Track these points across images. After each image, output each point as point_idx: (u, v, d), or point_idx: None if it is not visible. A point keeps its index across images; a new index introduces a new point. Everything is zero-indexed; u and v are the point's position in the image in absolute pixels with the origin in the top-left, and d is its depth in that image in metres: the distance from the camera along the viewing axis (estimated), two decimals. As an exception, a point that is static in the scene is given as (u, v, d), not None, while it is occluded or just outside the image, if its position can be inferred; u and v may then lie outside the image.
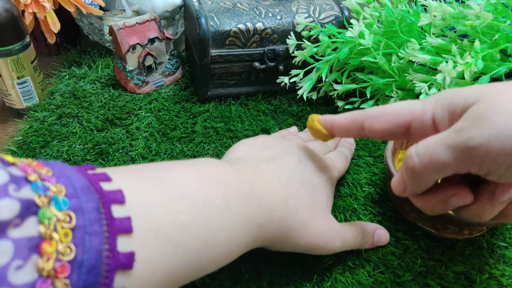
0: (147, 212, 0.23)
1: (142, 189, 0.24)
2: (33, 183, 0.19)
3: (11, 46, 0.47)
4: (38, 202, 0.19)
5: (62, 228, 0.19)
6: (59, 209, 0.19)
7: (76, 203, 0.20)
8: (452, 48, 0.42)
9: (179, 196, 0.25)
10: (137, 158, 0.45)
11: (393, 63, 0.47)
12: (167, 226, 0.23)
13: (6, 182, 0.18)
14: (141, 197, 0.23)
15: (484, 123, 0.21)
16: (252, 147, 0.35)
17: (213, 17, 0.50)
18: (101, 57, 0.62)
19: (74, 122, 0.50)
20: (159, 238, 0.23)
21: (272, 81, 0.55)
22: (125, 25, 0.52)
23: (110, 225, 0.20)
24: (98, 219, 0.20)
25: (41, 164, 0.21)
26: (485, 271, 0.36)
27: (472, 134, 0.21)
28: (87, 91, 0.55)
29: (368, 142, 0.49)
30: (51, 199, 0.19)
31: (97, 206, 0.21)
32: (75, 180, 0.21)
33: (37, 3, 0.53)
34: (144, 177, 0.25)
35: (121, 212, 0.22)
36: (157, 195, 0.24)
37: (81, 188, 0.21)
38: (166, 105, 0.53)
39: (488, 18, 0.40)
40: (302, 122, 0.52)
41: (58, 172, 0.21)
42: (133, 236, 0.21)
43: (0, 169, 0.18)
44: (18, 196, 0.18)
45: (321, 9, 0.54)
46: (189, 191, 0.26)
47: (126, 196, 0.22)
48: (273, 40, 0.52)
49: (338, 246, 0.33)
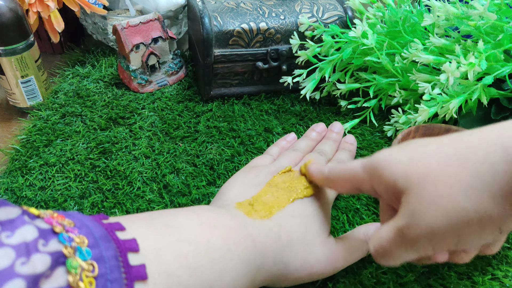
0: (158, 257, 0.24)
1: (152, 235, 0.25)
2: (60, 235, 0.21)
3: (16, 45, 0.47)
4: (66, 253, 0.20)
5: (86, 277, 0.20)
6: (83, 259, 0.21)
7: (97, 252, 0.22)
8: (456, 48, 0.42)
9: (185, 241, 0.26)
10: (140, 157, 0.46)
11: (396, 63, 0.47)
12: (177, 269, 0.25)
13: (36, 237, 0.20)
14: (151, 243, 0.25)
15: (419, 222, 0.25)
16: (242, 185, 0.36)
17: (216, 16, 0.50)
18: (104, 56, 0.62)
19: (78, 121, 0.50)
20: (171, 281, 0.24)
21: (275, 81, 0.55)
22: (128, 24, 0.52)
23: (128, 273, 0.22)
24: (117, 266, 0.22)
25: (62, 215, 0.23)
26: (487, 271, 0.36)
27: (413, 231, 0.25)
28: (90, 90, 0.55)
29: (371, 142, 0.49)
30: (76, 249, 0.21)
31: (115, 254, 0.22)
32: (94, 230, 0.23)
33: (41, 3, 0.53)
34: (152, 224, 0.27)
35: (136, 260, 0.23)
36: (166, 240, 0.26)
37: (101, 238, 0.23)
38: (169, 105, 0.53)
39: (492, 18, 0.40)
40: (305, 121, 0.52)
41: (78, 223, 0.23)
42: (148, 282, 0.23)
43: (29, 224, 0.20)
44: (47, 250, 0.20)
45: (325, 9, 0.54)
46: (193, 235, 0.27)
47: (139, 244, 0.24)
48: (276, 40, 0.52)
49: (341, 266, 0.34)
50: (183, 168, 0.45)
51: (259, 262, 0.29)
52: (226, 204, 0.34)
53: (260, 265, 0.30)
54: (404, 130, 0.42)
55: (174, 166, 0.45)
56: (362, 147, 0.48)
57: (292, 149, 0.43)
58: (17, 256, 0.18)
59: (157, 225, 0.27)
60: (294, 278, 0.32)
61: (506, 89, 0.45)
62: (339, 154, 0.44)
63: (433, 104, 0.43)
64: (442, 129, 0.43)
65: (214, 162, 0.46)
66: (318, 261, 0.32)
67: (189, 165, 0.45)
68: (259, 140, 0.49)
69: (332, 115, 0.53)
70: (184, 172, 0.44)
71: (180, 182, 0.43)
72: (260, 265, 0.30)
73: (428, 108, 0.43)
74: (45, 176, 0.43)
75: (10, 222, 0.20)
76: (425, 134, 0.43)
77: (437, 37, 0.44)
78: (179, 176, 0.44)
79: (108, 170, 0.44)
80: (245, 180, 0.37)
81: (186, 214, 0.29)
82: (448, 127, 0.43)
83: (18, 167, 0.44)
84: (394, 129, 0.49)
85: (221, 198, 0.35)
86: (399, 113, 0.48)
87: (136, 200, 0.41)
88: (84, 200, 0.41)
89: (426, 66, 0.48)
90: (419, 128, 0.42)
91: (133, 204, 0.41)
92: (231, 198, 0.34)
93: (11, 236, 0.19)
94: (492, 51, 0.41)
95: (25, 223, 0.20)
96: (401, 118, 0.47)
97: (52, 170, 0.44)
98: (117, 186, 0.42)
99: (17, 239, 0.19)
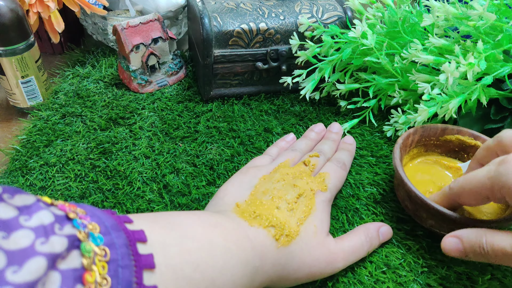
0: (164, 250, 0.25)
1: (157, 230, 0.26)
2: (74, 220, 0.22)
3: (16, 45, 0.47)
4: (80, 237, 0.21)
5: (99, 261, 0.21)
6: (96, 244, 0.22)
7: (109, 239, 0.23)
8: (455, 48, 0.42)
9: (189, 237, 0.27)
10: (140, 157, 0.46)
11: (396, 64, 0.47)
12: (182, 264, 0.25)
13: (52, 221, 0.21)
14: (157, 237, 0.25)
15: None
16: (240, 189, 0.36)
17: (216, 17, 0.50)
18: (104, 57, 0.62)
19: (78, 121, 0.50)
20: (176, 274, 0.25)
21: (275, 81, 0.55)
22: (128, 25, 0.52)
23: (137, 260, 0.23)
24: (128, 254, 0.23)
25: (74, 205, 0.24)
26: (487, 271, 0.36)
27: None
28: (90, 90, 0.55)
29: (371, 142, 0.49)
30: (89, 235, 0.22)
31: (125, 242, 0.23)
32: (105, 219, 0.24)
33: (41, 3, 0.53)
34: (156, 221, 0.27)
35: (144, 249, 0.24)
36: (170, 236, 0.26)
37: (111, 227, 0.23)
38: (169, 105, 0.54)
39: (491, 18, 0.40)
40: (305, 122, 0.52)
41: (89, 212, 0.24)
42: (156, 271, 0.24)
43: (45, 210, 0.21)
44: (63, 233, 0.21)
45: (324, 10, 0.54)
46: (196, 233, 0.28)
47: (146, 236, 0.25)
48: (276, 40, 0.52)
49: (340, 266, 0.34)
50: (183, 168, 0.45)
51: (257, 263, 0.30)
52: (223, 209, 0.34)
53: (259, 266, 0.30)
54: (403, 134, 0.42)
55: (174, 166, 0.45)
56: (361, 147, 0.49)
57: (291, 149, 0.43)
58: (37, 237, 0.19)
59: (160, 222, 0.27)
60: (293, 279, 0.32)
61: (506, 89, 0.45)
62: (338, 154, 0.44)
63: (433, 104, 0.43)
64: (439, 129, 0.43)
65: (214, 162, 0.46)
66: (316, 261, 0.32)
67: (189, 165, 0.45)
68: (259, 140, 0.49)
69: (332, 116, 0.54)
70: (184, 172, 0.44)
71: (180, 182, 0.43)
72: (258, 267, 0.30)
73: (428, 108, 0.43)
74: (45, 176, 0.43)
75: (27, 208, 0.20)
76: (423, 135, 0.43)
77: (436, 38, 0.44)
78: (179, 176, 0.44)
79: (108, 170, 0.44)
80: (242, 182, 0.37)
81: (186, 215, 0.30)
82: (445, 126, 0.43)
83: (19, 167, 0.44)
84: (394, 129, 0.49)
85: (218, 202, 0.35)
86: (399, 113, 0.48)
87: (136, 200, 0.41)
88: (84, 200, 0.41)
89: (425, 66, 0.48)
90: (417, 130, 0.43)
91: (133, 204, 0.41)
92: (228, 202, 0.35)
93: (29, 220, 0.20)
94: (492, 51, 0.41)
95: (41, 208, 0.21)
96: (401, 118, 0.47)
97: (52, 170, 0.44)
98: (117, 186, 0.43)
99: (35, 222, 0.20)
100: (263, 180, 0.37)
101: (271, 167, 0.39)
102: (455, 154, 0.44)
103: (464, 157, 0.44)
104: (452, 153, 0.44)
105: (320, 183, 0.38)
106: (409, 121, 0.46)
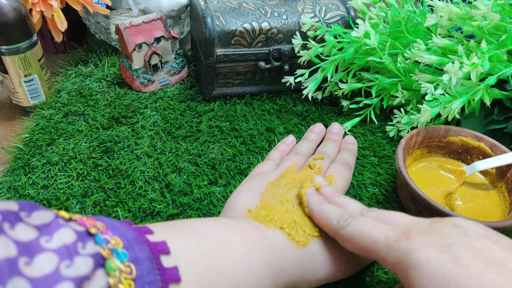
0: (187, 259, 0.24)
1: (178, 237, 0.26)
2: (96, 236, 0.21)
3: (19, 44, 0.47)
4: (104, 254, 0.20)
5: (125, 279, 0.20)
6: (121, 261, 0.21)
7: (133, 254, 0.22)
8: (459, 48, 0.41)
9: (208, 242, 0.26)
10: (142, 157, 0.46)
11: (399, 64, 0.47)
12: (205, 270, 0.25)
13: (75, 240, 0.19)
14: (179, 245, 0.25)
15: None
16: (249, 195, 0.36)
17: (219, 16, 0.50)
18: (107, 56, 0.62)
19: (80, 120, 0.50)
20: (201, 282, 0.24)
21: (277, 81, 0.55)
22: (131, 24, 0.52)
23: (163, 275, 0.22)
24: (152, 268, 0.22)
25: (92, 218, 0.23)
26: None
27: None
28: (93, 89, 0.55)
29: (373, 142, 0.49)
30: (112, 251, 0.21)
31: (149, 256, 0.22)
32: (126, 232, 0.23)
33: (44, 2, 0.53)
34: (173, 228, 0.27)
35: (168, 262, 0.23)
36: (191, 242, 0.26)
37: (133, 240, 0.22)
38: (172, 104, 0.54)
39: (495, 18, 0.40)
40: (307, 122, 0.52)
41: (109, 225, 0.23)
42: (182, 284, 0.23)
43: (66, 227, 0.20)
44: (87, 252, 0.19)
45: (327, 9, 0.54)
46: (215, 236, 0.27)
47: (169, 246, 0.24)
48: (278, 40, 0.52)
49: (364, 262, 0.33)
50: (185, 168, 0.45)
51: (279, 264, 0.29)
52: (236, 216, 0.34)
53: (281, 267, 0.29)
54: (406, 135, 0.42)
55: (176, 166, 0.45)
56: (364, 147, 0.48)
57: (294, 152, 0.43)
58: (61, 260, 0.18)
59: (179, 230, 0.27)
60: (316, 280, 0.31)
61: (509, 90, 0.45)
62: (341, 154, 0.44)
63: (436, 105, 0.43)
64: (441, 131, 0.43)
65: (216, 162, 0.46)
66: (338, 261, 0.32)
67: (191, 165, 0.45)
68: (261, 140, 0.49)
69: (334, 115, 0.53)
70: (186, 171, 0.44)
71: (182, 181, 0.43)
72: (281, 267, 0.29)
73: (431, 109, 0.42)
74: (48, 175, 0.43)
75: (46, 226, 0.19)
76: (426, 137, 0.43)
77: (440, 38, 0.44)
78: (181, 176, 0.44)
79: (110, 169, 0.44)
80: (251, 189, 0.37)
81: (202, 220, 0.30)
82: (448, 128, 0.43)
83: (21, 165, 0.44)
84: (396, 129, 0.49)
85: (230, 210, 0.35)
86: (402, 114, 0.48)
87: (138, 199, 0.41)
88: (86, 198, 0.41)
89: (428, 67, 0.47)
90: (420, 131, 0.42)
91: (135, 203, 0.41)
92: (239, 209, 0.34)
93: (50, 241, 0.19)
94: (495, 51, 0.41)
95: (61, 226, 0.20)
96: (403, 118, 0.47)
97: (54, 168, 0.44)
98: (119, 185, 0.43)
99: (57, 243, 0.19)
100: (271, 186, 0.37)
101: (277, 173, 0.39)
102: (458, 155, 0.44)
103: (467, 159, 0.44)
104: (455, 155, 0.44)
105: None
106: (412, 122, 0.46)
